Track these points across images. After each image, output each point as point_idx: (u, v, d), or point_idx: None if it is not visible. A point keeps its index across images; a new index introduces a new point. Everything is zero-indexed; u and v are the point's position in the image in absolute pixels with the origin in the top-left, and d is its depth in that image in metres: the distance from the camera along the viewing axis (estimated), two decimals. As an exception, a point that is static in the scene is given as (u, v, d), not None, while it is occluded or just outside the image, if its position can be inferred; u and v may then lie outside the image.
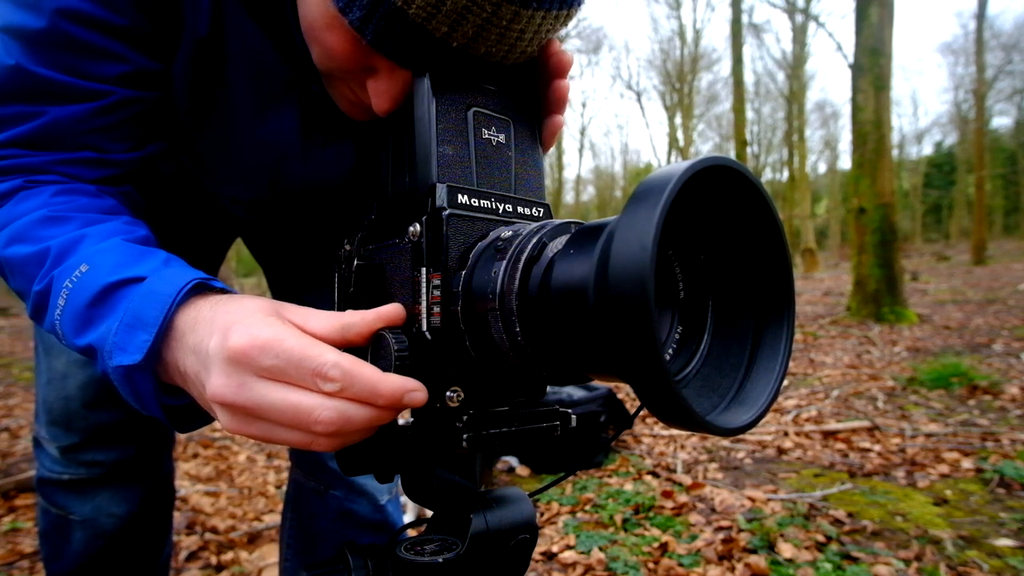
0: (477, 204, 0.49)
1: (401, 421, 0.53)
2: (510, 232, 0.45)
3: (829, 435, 2.94)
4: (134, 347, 0.49)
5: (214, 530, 2.07)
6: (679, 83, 28.99)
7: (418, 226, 0.47)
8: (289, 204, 0.81)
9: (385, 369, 0.44)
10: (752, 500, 2.14)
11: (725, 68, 31.16)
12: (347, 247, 0.56)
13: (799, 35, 24.01)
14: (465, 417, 0.45)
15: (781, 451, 2.76)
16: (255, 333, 0.43)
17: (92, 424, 0.97)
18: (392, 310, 0.48)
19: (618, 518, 2.04)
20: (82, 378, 0.95)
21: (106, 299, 0.52)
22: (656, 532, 1.94)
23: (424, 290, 0.46)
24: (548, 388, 0.52)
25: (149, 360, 0.49)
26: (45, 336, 0.97)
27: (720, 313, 0.42)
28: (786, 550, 1.75)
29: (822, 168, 40.46)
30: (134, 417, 0.99)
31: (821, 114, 37.00)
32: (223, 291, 0.53)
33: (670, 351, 0.40)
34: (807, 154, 26.59)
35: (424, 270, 0.46)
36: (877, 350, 5.19)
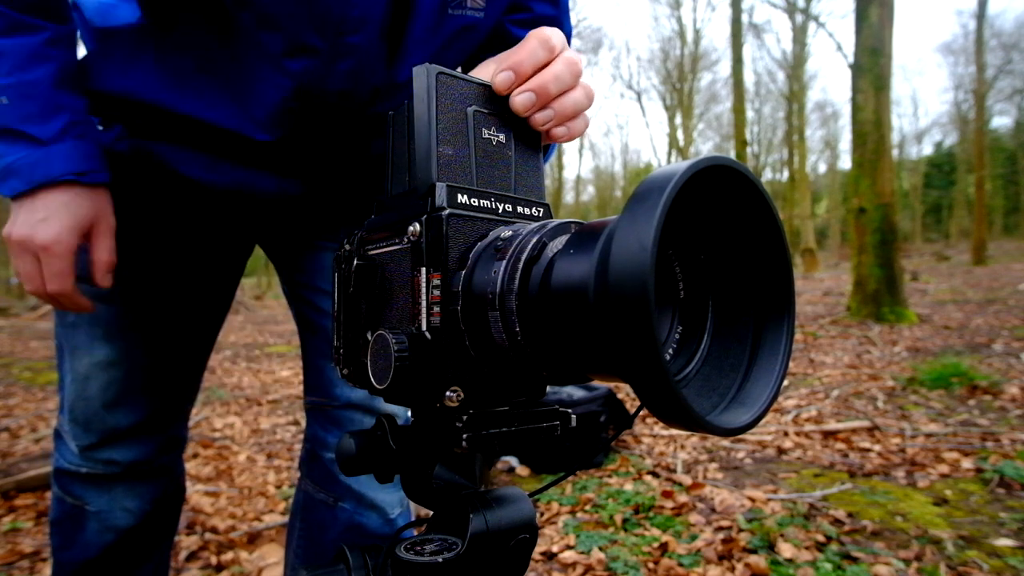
0: (477, 204, 0.49)
1: (401, 421, 0.54)
2: (510, 232, 0.45)
3: (829, 435, 2.94)
4: (6, 186, 0.77)
5: (214, 530, 2.08)
6: (679, 83, 28.99)
7: (418, 226, 0.47)
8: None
9: (384, 368, 0.44)
10: (752, 500, 2.14)
11: (725, 68, 31.18)
12: (347, 247, 0.56)
13: (799, 35, 24.02)
14: (465, 417, 0.45)
15: (781, 451, 2.76)
16: (45, 237, 0.77)
17: (110, 426, 1.00)
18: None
19: (618, 518, 2.04)
20: (103, 381, 0.98)
21: (5, 139, 0.77)
22: (656, 532, 1.94)
23: (424, 290, 0.46)
24: (548, 388, 0.52)
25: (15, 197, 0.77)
26: (70, 337, 1.00)
27: (720, 313, 0.42)
28: (786, 550, 1.75)
29: (822, 168, 40.52)
30: (150, 419, 1.03)
31: (821, 114, 37.06)
32: (89, 186, 0.79)
33: (670, 351, 0.40)
34: (807, 154, 26.58)
35: (424, 270, 0.46)
36: (877, 350, 5.19)
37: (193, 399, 1.14)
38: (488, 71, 0.62)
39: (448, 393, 0.45)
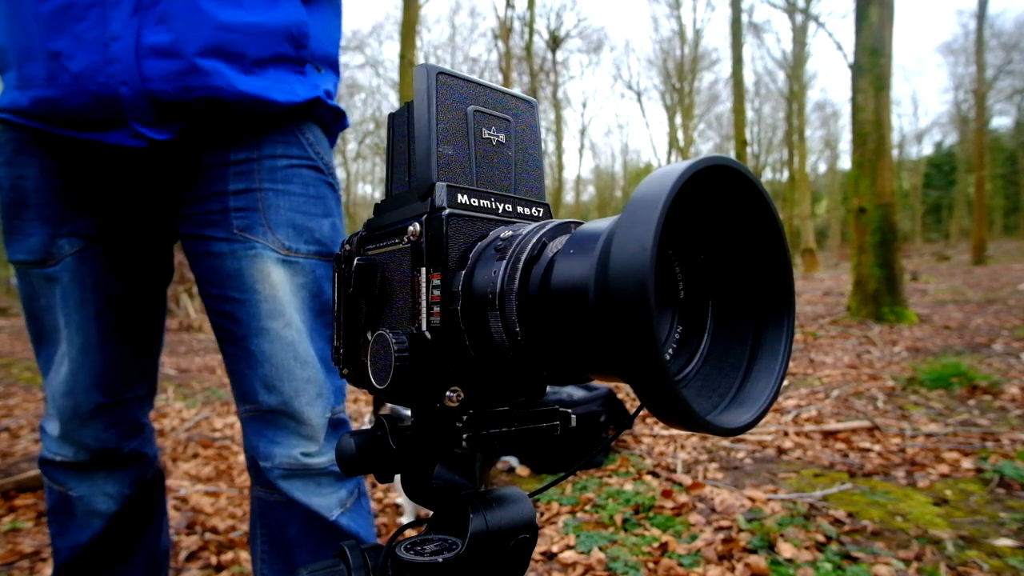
0: (477, 204, 0.49)
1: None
2: (510, 232, 0.45)
3: (829, 435, 2.94)
4: None
5: (214, 530, 2.07)
6: (679, 83, 28.99)
7: (418, 225, 0.47)
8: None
9: (385, 368, 0.44)
10: (752, 500, 2.14)
11: (725, 68, 31.17)
12: (347, 247, 0.56)
13: (799, 35, 24.00)
14: (465, 417, 0.45)
15: (781, 451, 2.76)
16: None
17: (70, 406, 1.06)
18: None
19: (618, 518, 2.04)
20: (59, 359, 1.04)
21: None
22: (656, 532, 1.94)
23: (424, 290, 0.46)
24: (548, 388, 0.52)
25: None
26: (36, 327, 1.07)
27: (720, 313, 0.42)
28: (786, 550, 1.75)
29: (822, 168, 40.48)
30: (109, 400, 1.09)
31: (821, 114, 37.00)
32: None
33: (670, 351, 0.40)
34: (807, 154, 26.55)
35: (424, 270, 0.46)
36: (877, 350, 5.19)
37: (152, 387, 1.19)
38: None
39: (448, 393, 0.45)
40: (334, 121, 1.11)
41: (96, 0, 0.87)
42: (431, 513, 0.53)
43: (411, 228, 0.47)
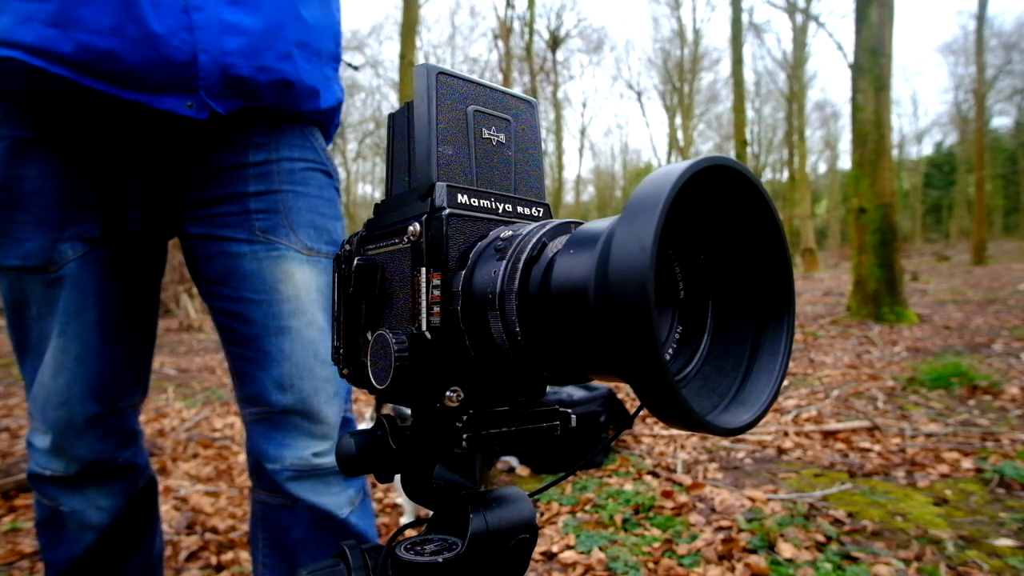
0: (477, 204, 0.49)
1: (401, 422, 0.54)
2: (510, 232, 0.45)
3: (829, 435, 2.94)
4: None
5: (214, 530, 2.08)
6: (679, 83, 28.99)
7: (418, 226, 0.47)
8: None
9: (385, 368, 0.44)
10: (752, 500, 2.14)
11: (725, 68, 31.16)
12: (347, 247, 0.56)
13: (799, 35, 23.99)
14: (465, 417, 0.45)
15: (781, 451, 2.76)
16: None
17: (64, 417, 1.02)
18: None
19: (618, 518, 2.04)
20: (53, 369, 1.01)
21: None
22: (656, 532, 1.94)
23: (424, 290, 0.46)
24: (548, 388, 0.52)
25: None
26: (26, 334, 1.03)
27: (720, 313, 0.42)
28: (786, 550, 1.75)
29: (822, 168, 40.49)
30: (104, 410, 1.05)
31: (821, 114, 36.97)
32: None
33: (670, 351, 0.40)
34: (807, 154, 26.54)
35: (424, 270, 0.46)
36: (877, 350, 5.19)
37: (143, 392, 1.16)
38: None
39: (448, 393, 0.45)
40: (335, 124, 1.15)
41: None
42: (431, 513, 0.53)
43: (411, 228, 0.47)
